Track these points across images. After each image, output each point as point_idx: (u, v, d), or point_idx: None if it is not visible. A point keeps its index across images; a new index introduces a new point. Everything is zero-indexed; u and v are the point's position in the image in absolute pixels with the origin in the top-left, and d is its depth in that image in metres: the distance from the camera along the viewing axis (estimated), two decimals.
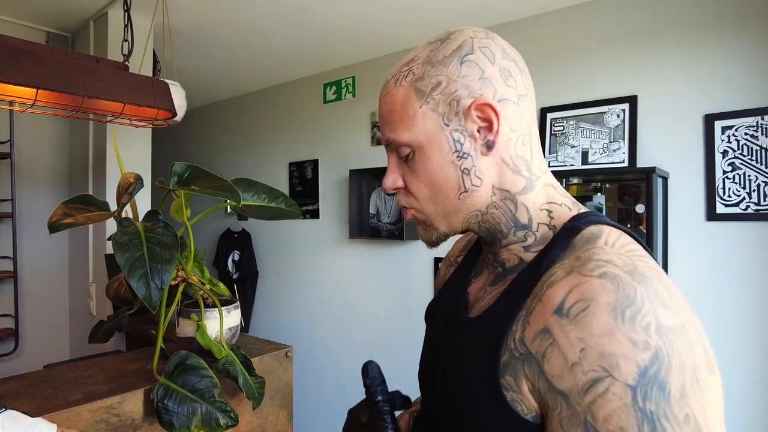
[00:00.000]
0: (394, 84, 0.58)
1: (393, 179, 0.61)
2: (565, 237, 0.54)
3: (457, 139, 0.56)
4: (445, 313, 0.67)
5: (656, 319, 0.42)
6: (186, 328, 0.97)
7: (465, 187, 0.57)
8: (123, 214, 0.88)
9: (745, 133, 1.75)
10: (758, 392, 1.73)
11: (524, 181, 0.58)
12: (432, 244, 0.63)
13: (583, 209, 0.59)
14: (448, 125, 0.56)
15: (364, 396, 0.73)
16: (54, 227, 0.82)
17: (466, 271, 0.69)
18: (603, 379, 0.41)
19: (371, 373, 0.70)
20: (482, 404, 0.51)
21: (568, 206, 0.59)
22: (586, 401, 0.42)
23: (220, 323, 0.96)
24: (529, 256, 0.56)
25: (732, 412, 1.77)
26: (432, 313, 0.73)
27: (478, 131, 0.56)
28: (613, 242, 0.50)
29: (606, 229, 0.53)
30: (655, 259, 0.52)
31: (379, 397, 0.69)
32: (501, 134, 0.56)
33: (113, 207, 0.90)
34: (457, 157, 0.56)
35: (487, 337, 0.53)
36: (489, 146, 0.56)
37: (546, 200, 0.58)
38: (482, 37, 0.57)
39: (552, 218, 0.57)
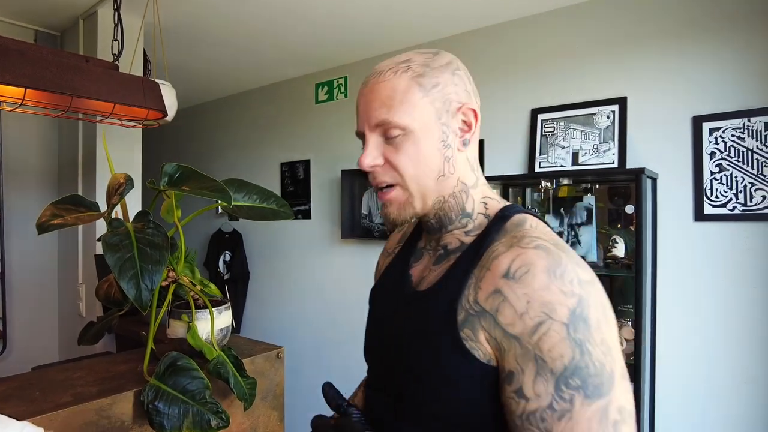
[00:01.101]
0: (393, 75, 0.68)
1: (373, 157, 0.69)
2: (499, 223, 0.68)
3: (444, 131, 0.68)
4: (390, 293, 0.80)
5: (577, 275, 0.57)
6: (177, 330, 0.97)
7: (444, 172, 0.69)
8: (113, 215, 0.88)
9: (732, 135, 1.77)
10: (746, 392, 1.75)
11: (475, 178, 0.73)
12: (402, 223, 0.72)
13: (506, 203, 0.74)
14: (440, 119, 0.68)
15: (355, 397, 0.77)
16: (43, 228, 0.81)
17: (405, 258, 0.81)
18: (545, 321, 0.55)
19: (330, 392, 0.82)
20: (445, 354, 0.63)
21: (497, 200, 0.74)
22: (534, 339, 0.56)
23: (211, 324, 0.96)
24: (468, 239, 0.70)
25: (722, 412, 1.79)
26: (375, 295, 0.86)
27: (459, 129, 0.70)
28: (535, 226, 0.66)
29: (528, 216, 0.69)
30: (637, 261, 0.62)
31: (344, 402, 0.79)
32: (474, 135, 0.71)
33: (103, 208, 0.89)
34: (444, 146, 0.68)
35: (442, 303, 0.65)
36: (465, 143, 0.70)
37: (483, 195, 0.73)
38: (460, 63, 0.73)
39: (487, 209, 0.72)
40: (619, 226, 1.97)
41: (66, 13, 2.29)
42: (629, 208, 1.86)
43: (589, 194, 2.00)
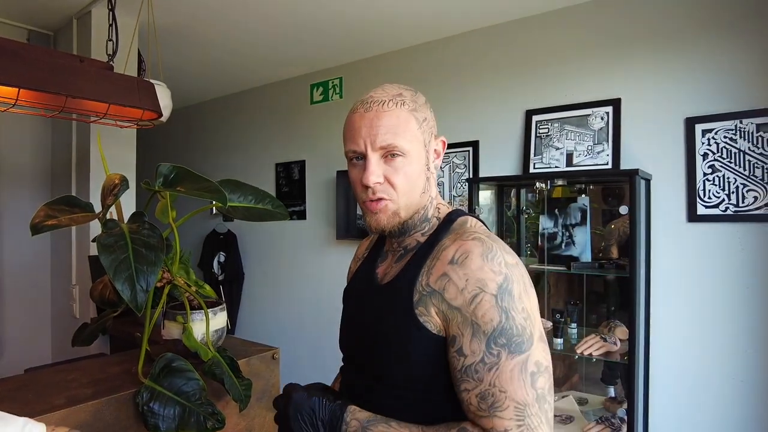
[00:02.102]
0: (395, 105, 0.80)
1: (377, 175, 0.79)
2: (447, 224, 0.84)
3: (428, 157, 0.83)
4: (359, 289, 0.93)
5: (504, 259, 0.72)
6: (172, 331, 0.97)
7: (424, 189, 0.83)
8: (108, 216, 0.87)
9: (725, 137, 1.78)
10: (740, 391, 1.76)
11: (436, 191, 0.89)
12: (386, 231, 0.83)
13: (453, 208, 0.89)
14: (425, 147, 0.83)
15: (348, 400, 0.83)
16: (36, 229, 0.81)
17: (371, 262, 0.94)
18: (480, 293, 0.69)
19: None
20: (403, 329, 0.76)
21: (446, 206, 0.89)
22: (471, 308, 0.70)
23: (206, 325, 0.96)
24: (423, 239, 0.84)
25: (715, 411, 1.81)
26: (348, 293, 0.97)
27: (434, 154, 0.85)
28: (474, 224, 0.83)
29: (469, 218, 0.85)
30: (630, 262, 0.67)
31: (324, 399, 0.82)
32: (440, 161, 0.88)
33: (97, 208, 0.89)
34: (426, 168, 0.83)
35: (402, 289, 0.78)
36: (435, 167, 0.87)
37: (438, 203, 0.88)
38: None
39: (439, 213, 0.87)
40: (612, 226, 1.98)
41: (59, 13, 2.28)
42: (623, 209, 1.87)
43: (583, 195, 2.01)
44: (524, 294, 0.71)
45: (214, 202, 0.88)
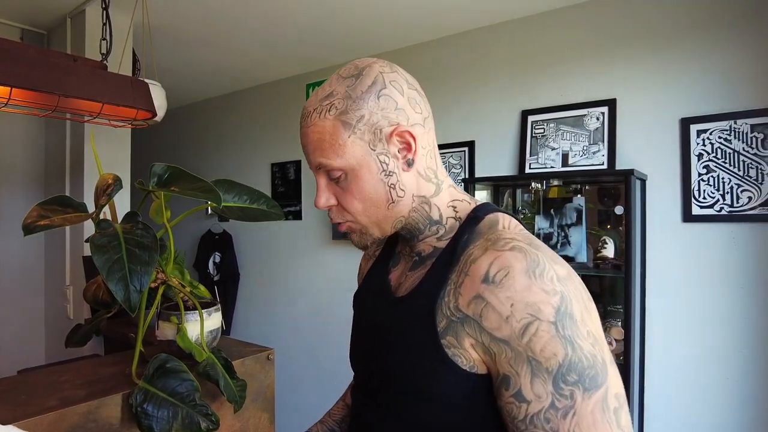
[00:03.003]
0: (318, 116, 0.67)
1: (326, 198, 0.70)
2: (470, 225, 0.68)
3: (383, 160, 0.67)
4: (371, 298, 0.81)
5: (555, 272, 0.58)
6: (166, 331, 0.96)
7: (392, 199, 0.69)
8: (101, 216, 0.87)
9: (719, 137, 1.79)
10: (731, 390, 1.77)
11: (434, 186, 0.72)
12: (365, 248, 0.76)
13: (479, 202, 0.73)
14: (374, 150, 0.67)
15: (345, 399, 0.78)
16: (29, 229, 0.80)
17: (384, 263, 0.82)
18: (533, 322, 0.56)
19: None
20: (426, 363, 0.63)
21: (467, 201, 0.73)
22: (524, 341, 0.56)
23: (200, 326, 0.95)
24: (441, 244, 0.70)
25: (710, 410, 1.81)
26: (359, 299, 0.86)
27: (399, 152, 0.68)
28: (507, 225, 0.67)
29: (500, 216, 0.69)
30: (626, 262, 0.63)
31: None
32: (418, 152, 0.69)
33: (91, 209, 0.88)
34: (385, 175, 0.68)
35: (420, 308, 0.65)
36: (409, 164, 0.69)
37: (450, 198, 0.73)
38: (389, 72, 0.69)
39: (457, 212, 0.72)
40: (608, 226, 1.99)
41: (53, 12, 2.26)
42: (618, 209, 1.88)
43: (578, 195, 2.01)
44: (586, 313, 0.58)
45: (208, 202, 0.87)
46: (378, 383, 0.72)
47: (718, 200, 1.79)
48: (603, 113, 2.03)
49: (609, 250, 1.92)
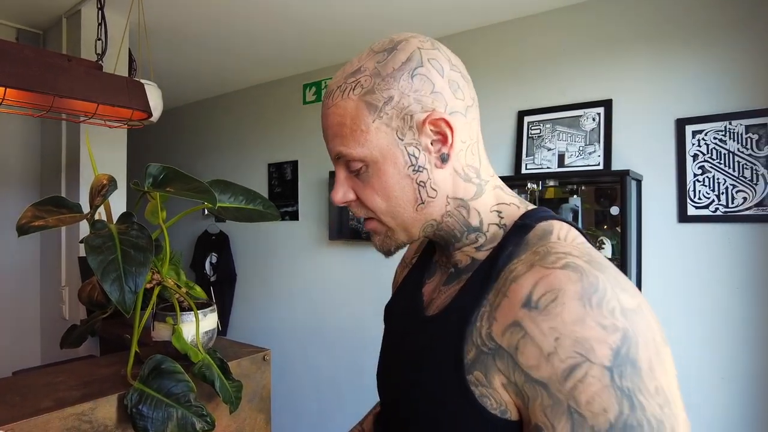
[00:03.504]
0: (341, 96, 0.57)
1: (344, 193, 0.60)
2: (517, 234, 0.56)
3: (411, 153, 0.56)
4: (402, 313, 0.70)
5: (619, 302, 0.45)
6: (161, 332, 0.96)
7: (422, 199, 0.58)
8: (96, 217, 0.87)
9: (714, 138, 1.80)
10: (725, 390, 1.77)
11: (475, 187, 0.61)
12: (389, 253, 0.64)
13: (531, 206, 0.62)
14: (402, 139, 0.56)
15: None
16: (23, 230, 0.80)
17: (419, 272, 0.71)
18: (581, 364, 0.43)
19: None
20: (449, 400, 0.52)
21: (516, 205, 0.62)
22: (567, 387, 0.44)
23: (196, 327, 0.95)
24: (481, 255, 0.59)
25: (698, 410, 1.82)
26: (390, 314, 0.76)
27: (432, 144, 0.57)
28: (564, 236, 0.54)
29: (556, 224, 0.56)
30: (622, 262, 0.55)
31: None
32: (454, 147, 0.57)
33: (86, 209, 0.88)
34: (413, 171, 0.57)
35: (448, 333, 0.54)
36: (444, 159, 0.57)
37: (495, 202, 0.61)
38: (429, 48, 0.58)
39: (501, 218, 0.60)
40: (605, 227, 1.99)
41: (49, 12, 2.26)
42: (614, 210, 1.88)
43: (575, 196, 2.02)
44: (657, 362, 0.44)
45: (204, 203, 0.87)
46: (400, 414, 0.61)
47: (713, 201, 1.79)
48: (599, 114, 2.04)
49: (607, 251, 1.93)
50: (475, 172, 0.61)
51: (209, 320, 1.00)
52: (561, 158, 2.10)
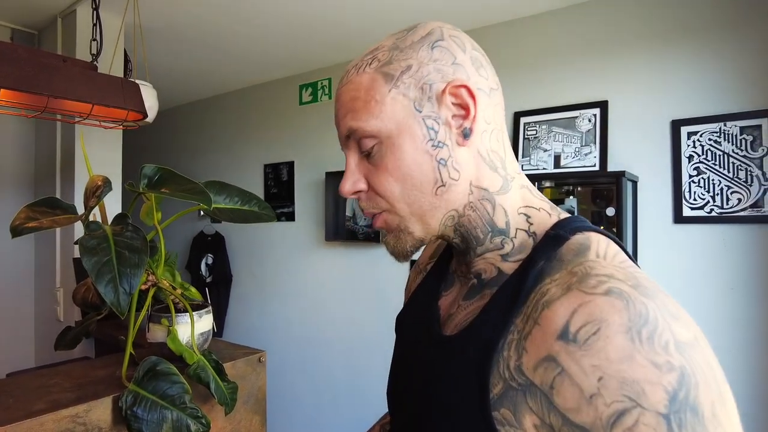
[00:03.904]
0: (356, 72, 0.53)
1: (353, 182, 0.55)
2: (549, 246, 0.49)
3: (431, 126, 0.51)
4: (415, 327, 0.63)
5: (673, 335, 0.39)
6: (156, 334, 0.95)
7: (442, 180, 0.51)
8: (91, 218, 0.86)
9: (709, 139, 1.81)
10: None
11: (501, 179, 0.54)
12: (404, 255, 0.56)
13: (564, 214, 0.54)
14: (420, 111, 0.51)
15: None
16: (17, 231, 0.79)
17: (435, 282, 0.64)
18: (631, 410, 0.37)
19: None
20: None
21: (547, 211, 0.54)
22: None
23: (191, 328, 0.95)
24: (508, 267, 0.52)
25: None
26: (401, 325, 0.69)
27: (453, 118, 0.52)
28: (604, 253, 0.47)
29: (594, 237, 0.49)
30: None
31: None
32: (478, 121, 0.52)
33: (81, 210, 0.87)
34: (432, 146, 0.51)
35: (470, 361, 0.48)
36: (466, 134, 0.51)
37: (523, 203, 0.54)
38: (450, 28, 0.55)
39: (531, 224, 0.53)
40: (601, 227, 2.00)
41: (44, 12, 2.25)
42: (610, 211, 1.89)
43: (571, 197, 2.02)
44: (720, 405, 0.38)
45: (199, 204, 0.87)
46: None
47: (708, 202, 1.80)
48: (595, 115, 2.04)
49: None
50: (501, 161, 0.54)
51: (204, 321, 1.00)
52: (557, 159, 2.10)
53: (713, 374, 0.39)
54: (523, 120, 2.22)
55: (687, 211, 1.84)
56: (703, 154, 1.82)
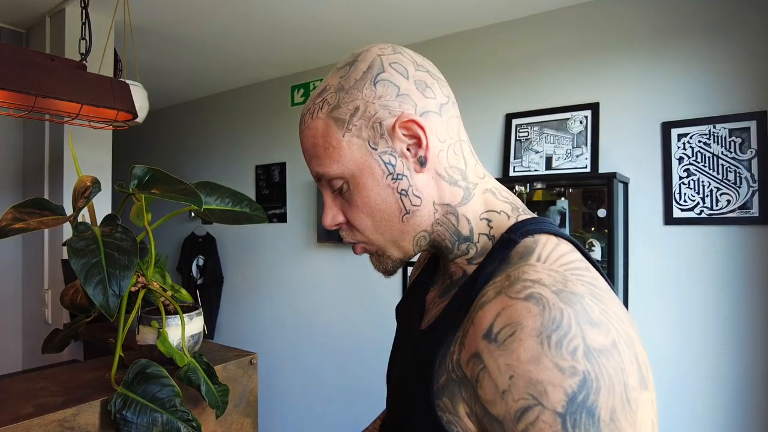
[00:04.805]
0: (311, 118, 0.57)
1: (332, 216, 0.59)
2: (501, 250, 0.53)
3: (387, 161, 0.54)
4: (405, 318, 0.69)
5: (584, 341, 0.41)
6: (146, 336, 0.94)
7: (406, 209, 0.56)
8: (80, 219, 0.85)
9: (699, 141, 1.82)
10: (710, 389, 1.79)
11: (462, 191, 0.57)
12: (389, 273, 0.62)
13: (523, 216, 0.57)
14: (375, 149, 0.54)
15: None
16: (2, 232, 0.78)
17: (427, 277, 0.69)
18: (533, 408, 0.41)
19: None
20: (418, 424, 0.51)
21: (507, 213, 0.57)
22: (519, 429, 0.42)
23: (181, 330, 0.94)
24: (471, 269, 0.56)
25: (685, 409, 1.84)
26: (398, 315, 0.75)
27: (408, 149, 0.55)
28: (546, 256, 0.49)
29: (542, 239, 0.52)
30: (609, 264, 0.53)
31: None
32: (431, 148, 0.55)
33: (70, 211, 0.86)
34: (392, 179, 0.55)
35: (426, 354, 0.52)
36: (422, 162, 0.55)
37: (485, 209, 0.57)
38: (390, 53, 0.56)
39: (491, 228, 0.56)
40: (592, 229, 2.01)
41: (32, 10, 2.22)
42: (601, 212, 1.90)
43: (562, 198, 2.03)
44: (622, 411, 0.40)
45: (190, 205, 0.86)
46: (392, 424, 0.60)
47: (698, 203, 1.82)
48: (586, 117, 2.05)
49: (596, 253, 1.94)
50: (461, 174, 0.57)
51: (195, 324, 0.99)
52: (549, 161, 2.11)
53: (622, 380, 0.41)
54: (515, 122, 2.23)
55: (677, 213, 1.86)
56: (693, 156, 1.83)
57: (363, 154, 0.54)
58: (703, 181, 1.81)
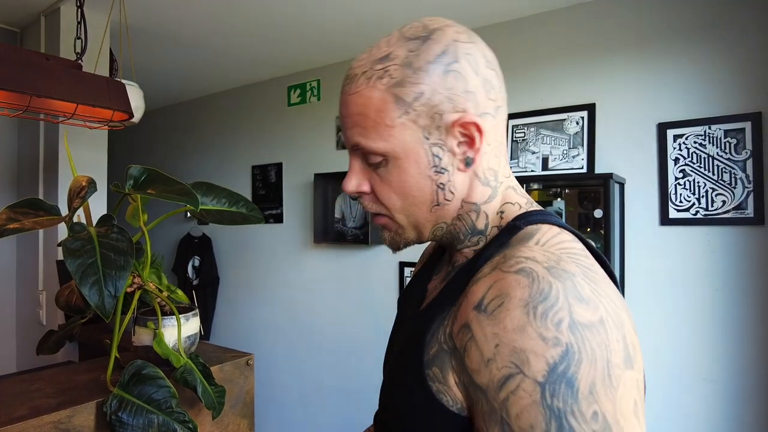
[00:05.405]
0: (367, 83, 0.53)
1: (357, 183, 0.58)
2: (504, 235, 0.54)
3: (436, 153, 0.54)
4: (406, 305, 0.71)
5: (570, 315, 0.42)
6: (142, 337, 0.94)
7: (438, 201, 0.56)
8: (75, 219, 0.84)
9: (695, 142, 1.83)
10: (706, 389, 1.80)
11: (491, 190, 0.58)
12: (398, 249, 0.62)
13: (534, 208, 0.59)
14: (428, 139, 0.53)
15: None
16: None
17: (430, 267, 0.71)
18: (514, 376, 0.42)
19: None
20: (412, 392, 0.52)
21: (520, 204, 0.59)
22: (501, 397, 0.43)
23: (177, 331, 0.93)
24: (472, 256, 0.58)
25: (681, 410, 1.84)
26: (399, 303, 0.77)
27: (458, 146, 0.54)
28: (545, 241, 0.51)
29: (544, 227, 0.53)
30: (608, 260, 0.53)
31: None
32: (480, 151, 0.55)
33: (65, 212, 0.86)
34: (435, 171, 0.54)
35: (422, 328, 0.54)
36: (468, 163, 0.55)
37: (501, 203, 0.59)
38: (465, 41, 0.55)
39: (502, 218, 0.58)
40: (588, 229, 2.01)
41: (27, 10, 2.21)
42: (598, 213, 1.90)
43: (559, 199, 2.03)
44: (602, 386, 0.40)
45: (186, 206, 0.86)
46: (381, 404, 0.62)
47: (693, 204, 1.82)
48: (583, 118, 2.06)
49: None
50: (494, 175, 0.58)
51: (191, 324, 0.98)
52: (545, 161, 2.12)
53: (605, 356, 0.41)
54: (512, 122, 2.23)
55: (673, 213, 1.86)
56: (688, 156, 1.84)
57: (414, 141, 0.53)
58: (698, 182, 1.82)
